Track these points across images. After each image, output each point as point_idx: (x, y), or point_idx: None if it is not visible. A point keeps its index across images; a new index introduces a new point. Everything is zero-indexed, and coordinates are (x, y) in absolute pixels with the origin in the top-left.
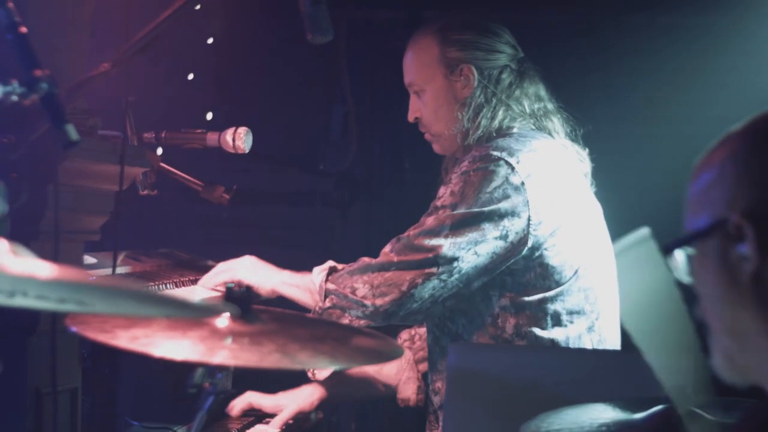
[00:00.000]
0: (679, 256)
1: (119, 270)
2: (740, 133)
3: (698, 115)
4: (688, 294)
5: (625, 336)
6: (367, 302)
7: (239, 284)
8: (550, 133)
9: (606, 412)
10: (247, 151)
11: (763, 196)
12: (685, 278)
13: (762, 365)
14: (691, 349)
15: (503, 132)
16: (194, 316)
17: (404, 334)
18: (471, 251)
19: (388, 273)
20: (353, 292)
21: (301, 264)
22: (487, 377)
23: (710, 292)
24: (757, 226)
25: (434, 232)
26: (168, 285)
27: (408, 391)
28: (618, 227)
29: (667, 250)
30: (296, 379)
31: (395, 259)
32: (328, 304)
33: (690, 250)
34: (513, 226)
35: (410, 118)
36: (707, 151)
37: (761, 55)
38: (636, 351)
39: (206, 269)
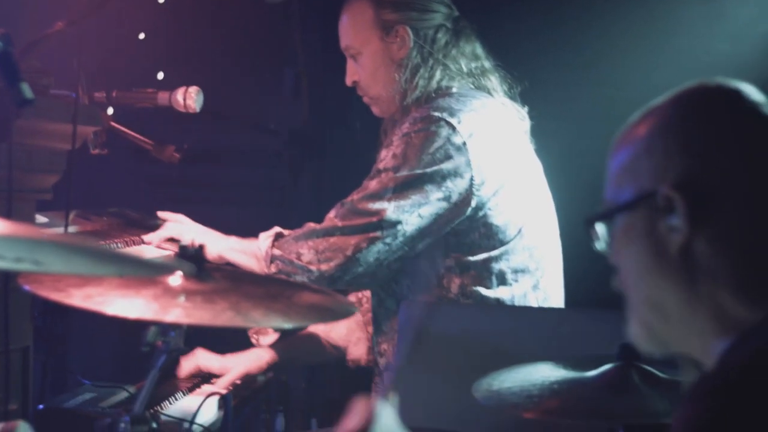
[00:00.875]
0: (600, 227)
1: (70, 229)
2: (667, 105)
3: (642, 78)
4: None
5: (568, 293)
6: (313, 267)
7: (192, 242)
8: (489, 92)
9: (558, 370)
10: (198, 110)
11: (693, 167)
12: (604, 249)
13: (687, 335)
14: None
15: (442, 92)
16: (151, 274)
17: (351, 297)
18: (415, 214)
19: (332, 238)
20: (298, 257)
21: (251, 223)
22: (439, 336)
23: (633, 263)
24: (687, 198)
25: (377, 196)
26: (118, 244)
27: (359, 351)
28: (562, 189)
29: (590, 223)
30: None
31: (339, 224)
32: (273, 269)
33: (612, 221)
34: (456, 187)
35: (348, 82)
36: (629, 124)
37: (714, 18)
38: (585, 309)
39: (156, 228)
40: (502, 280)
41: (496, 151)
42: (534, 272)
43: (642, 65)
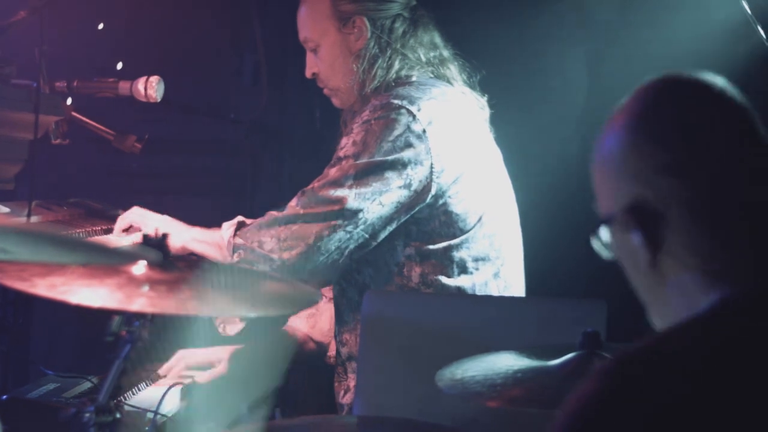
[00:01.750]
0: (604, 233)
1: (32, 219)
2: (622, 117)
3: (608, 68)
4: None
5: (529, 281)
6: (274, 256)
7: (156, 232)
8: (449, 81)
9: (521, 359)
10: (159, 99)
11: (639, 189)
12: (608, 255)
13: None
14: None
15: (402, 81)
16: (118, 262)
17: (328, 293)
18: (376, 201)
19: (294, 226)
20: (260, 246)
21: (212, 213)
22: (402, 325)
23: (626, 268)
24: (640, 220)
25: (338, 183)
26: (80, 234)
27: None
28: (521, 178)
29: (593, 235)
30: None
31: (301, 211)
32: (236, 258)
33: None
34: (416, 175)
35: (308, 74)
36: (602, 131)
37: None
38: (547, 298)
39: (117, 219)
40: (463, 269)
41: (455, 139)
42: (494, 261)
43: (601, 54)
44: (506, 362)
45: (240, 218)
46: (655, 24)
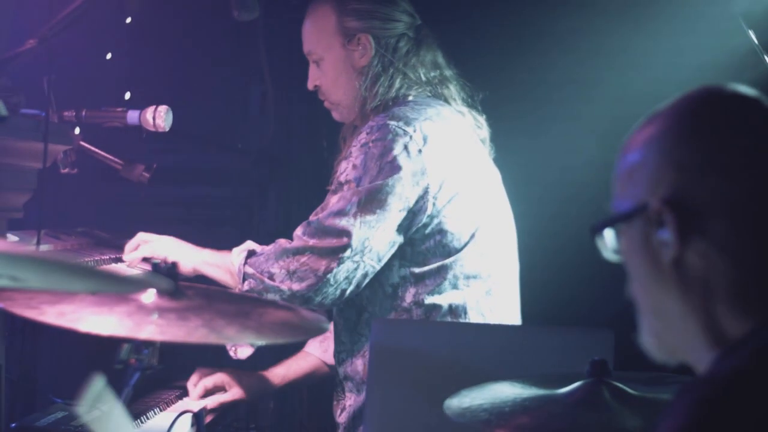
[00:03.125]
0: (608, 234)
1: (41, 248)
2: (665, 114)
3: (611, 94)
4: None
5: (533, 307)
6: (284, 287)
7: (164, 260)
8: (446, 100)
9: (529, 387)
10: (167, 129)
11: (683, 181)
12: (613, 257)
13: (686, 346)
14: None
15: (399, 101)
16: (128, 291)
17: None
18: (380, 228)
19: (303, 258)
20: (270, 277)
21: (219, 242)
22: (410, 353)
23: (636, 272)
24: (677, 213)
25: (343, 213)
26: (90, 263)
27: None
28: (523, 198)
29: (594, 231)
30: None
31: (309, 243)
32: (246, 287)
33: (617, 229)
34: (414, 196)
35: (310, 86)
36: (634, 130)
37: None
38: (556, 326)
39: (124, 247)
40: (456, 287)
41: (451, 159)
42: (486, 279)
43: (605, 81)
44: (514, 390)
45: (249, 243)
46: (661, 51)
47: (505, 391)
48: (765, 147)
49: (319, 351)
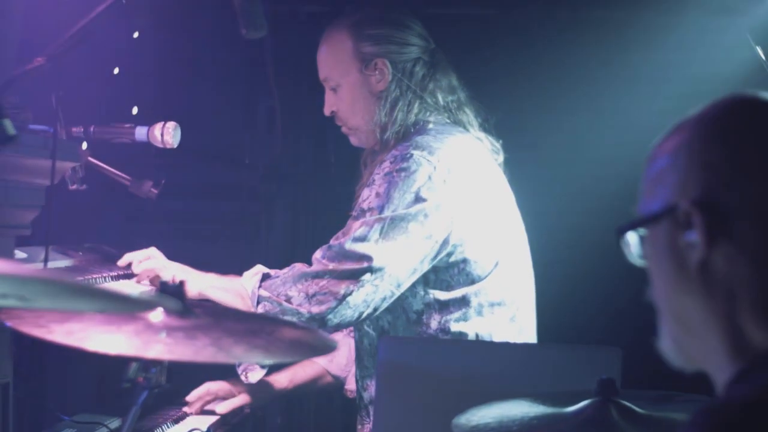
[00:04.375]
0: (632, 238)
1: (49, 265)
2: (694, 120)
3: (622, 117)
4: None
5: (540, 325)
6: (303, 310)
7: (173, 279)
8: (465, 126)
9: (536, 406)
10: (175, 145)
11: (713, 184)
12: (638, 260)
13: (705, 354)
14: None
15: (419, 127)
16: (135, 310)
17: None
18: (401, 255)
19: (322, 281)
20: (288, 300)
21: (227, 258)
22: (418, 371)
23: (659, 276)
24: (706, 215)
25: (364, 238)
26: (98, 279)
27: (354, 383)
28: (535, 220)
29: (619, 232)
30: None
31: (329, 266)
32: (260, 310)
33: (642, 232)
34: (438, 225)
35: (326, 112)
36: (664, 134)
37: (690, 49)
38: (564, 344)
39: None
40: (480, 314)
41: (474, 188)
42: (510, 305)
43: (615, 102)
44: (521, 409)
45: (261, 267)
46: (669, 71)
47: (513, 410)
48: None
49: (324, 360)
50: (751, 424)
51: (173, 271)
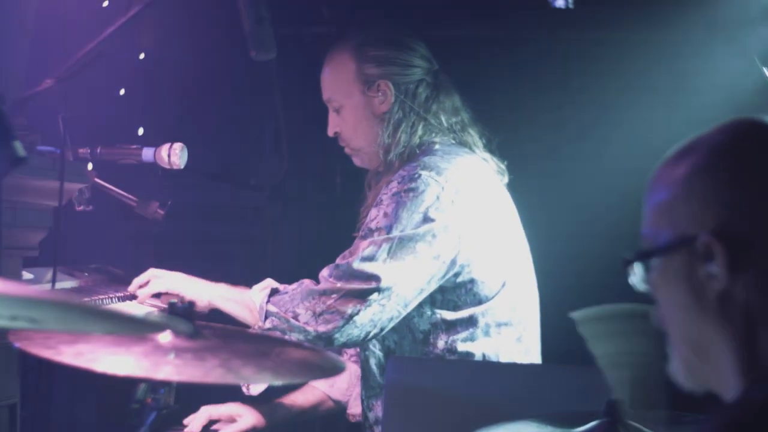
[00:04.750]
0: (638, 265)
1: (56, 286)
2: (703, 146)
3: (626, 135)
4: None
5: (545, 345)
6: (310, 328)
7: (181, 299)
8: (470, 147)
9: (543, 427)
10: (182, 166)
11: (732, 214)
12: (643, 287)
13: (722, 376)
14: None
15: (425, 148)
16: (144, 332)
17: (350, 350)
18: (409, 275)
19: (330, 300)
20: (295, 317)
21: (233, 278)
22: (426, 391)
23: (672, 303)
24: (727, 246)
25: (372, 258)
26: (104, 300)
27: (359, 406)
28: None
29: (627, 263)
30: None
31: (337, 285)
32: (268, 325)
33: (649, 262)
34: (446, 245)
35: (330, 133)
36: (668, 160)
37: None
38: (571, 365)
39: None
40: (487, 334)
41: (481, 208)
42: (516, 325)
43: (620, 122)
44: (529, 430)
45: (270, 282)
46: (672, 90)
47: (521, 431)
48: None
49: (325, 386)
50: (763, 420)
51: (181, 282)
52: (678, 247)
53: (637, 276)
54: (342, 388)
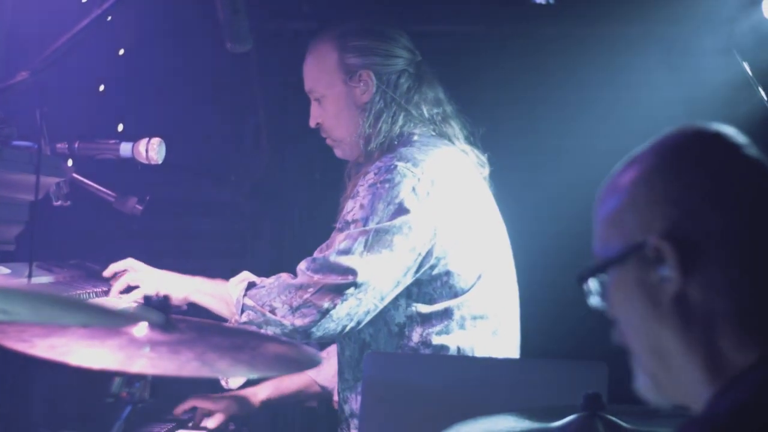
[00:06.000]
0: (592, 282)
1: (33, 280)
2: (649, 154)
3: (608, 129)
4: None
5: (526, 340)
6: (286, 322)
7: (157, 293)
8: (450, 139)
9: (522, 421)
10: (160, 161)
11: (679, 215)
12: (599, 304)
13: (687, 383)
14: None
15: (404, 139)
16: (119, 324)
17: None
18: (385, 268)
19: (306, 294)
20: (272, 311)
21: (212, 274)
22: (403, 387)
23: (630, 315)
24: (677, 246)
25: (349, 251)
26: (82, 295)
27: None
28: (520, 236)
29: (581, 280)
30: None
31: (314, 278)
32: (244, 318)
33: (604, 276)
34: (422, 237)
35: (312, 123)
36: (613, 174)
37: (674, 68)
38: (549, 359)
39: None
40: (463, 327)
41: (458, 201)
42: (493, 319)
43: (602, 116)
44: (507, 424)
45: (247, 274)
46: (655, 84)
47: (499, 425)
48: (751, 181)
49: (313, 370)
50: (743, 426)
51: (157, 278)
52: (629, 255)
53: (593, 293)
54: (329, 374)
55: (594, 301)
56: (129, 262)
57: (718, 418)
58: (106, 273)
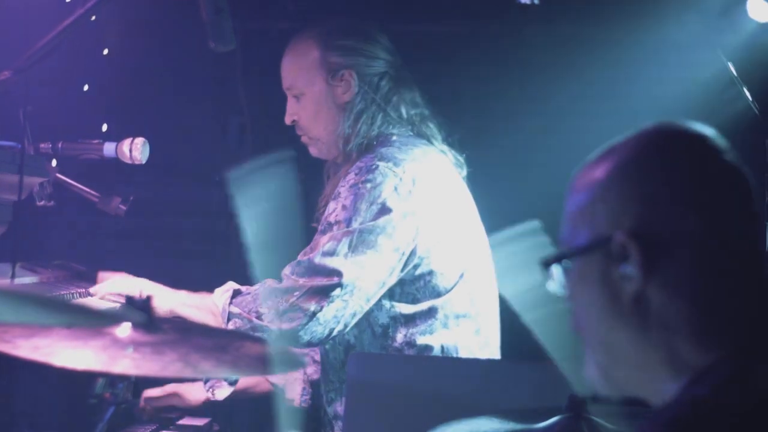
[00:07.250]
0: (555, 269)
1: (16, 281)
2: (625, 148)
3: (591, 124)
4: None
5: (504, 337)
6: (273, 327)
7: (140, 294)
8: (428, 140)
9: (507, 422)
10: (144, 161)
11: (649, 214)
12: (559, 291)
13: (641, 378)
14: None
15: (383, 139)
16: (101, 324)
17: None
18: (370, 268)
19: (292, 298)
20: (259, 317)
21: (196, 274)
22: (388, 388)
23: (588, 306)
24: (642, 246)
25: (333, 253)
26: (66, 296)
27: (293, 391)
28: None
29: (545, 264)
30: None
31: (299, 282)
32: (231, 327)
33: (568, 263)
34: (405, 236)
35: (287, 120)
36: (588, 163)
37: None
38: (534, 361)
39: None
40: (445, 326)
41: (439, 199)
42: (475, 317)
43: (586, 112)
44: (492, 425)
45: (232, 284)
46: (639, 83)
47: (484, 426)
48: (724, 186)
49: None
50: (703, 421)
51: (143, 288)
52: (594, 247)
53: (555, 280)
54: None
55: (553, 287)
56: (120, 277)
57: (682, 408)
58: (94, 290)
